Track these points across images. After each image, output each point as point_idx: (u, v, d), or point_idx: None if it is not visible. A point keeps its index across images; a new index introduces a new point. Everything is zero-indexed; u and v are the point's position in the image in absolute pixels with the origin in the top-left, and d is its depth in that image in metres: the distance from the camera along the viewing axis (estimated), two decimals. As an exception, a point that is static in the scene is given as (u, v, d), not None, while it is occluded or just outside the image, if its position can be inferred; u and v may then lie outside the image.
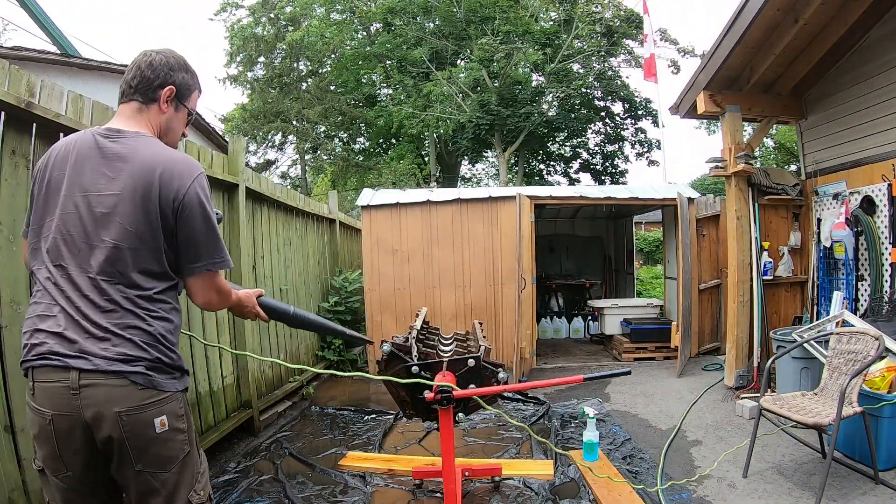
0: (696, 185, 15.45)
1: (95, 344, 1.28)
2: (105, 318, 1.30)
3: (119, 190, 1.34)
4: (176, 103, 1.52)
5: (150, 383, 1.31)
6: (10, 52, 6.16)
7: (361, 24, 16.02)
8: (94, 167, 1.36)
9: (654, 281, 13.30)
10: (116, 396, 1.27)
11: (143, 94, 1.46)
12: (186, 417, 1.42)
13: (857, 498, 2.69)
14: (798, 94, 4.98)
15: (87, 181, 1.36)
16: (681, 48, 15.33)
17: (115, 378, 1.27)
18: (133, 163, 1.36)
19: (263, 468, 3.24)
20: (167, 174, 1.36)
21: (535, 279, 5.80)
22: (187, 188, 1.38)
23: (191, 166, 1.42)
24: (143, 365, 1.31)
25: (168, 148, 1.45)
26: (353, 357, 6.04)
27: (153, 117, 1.48)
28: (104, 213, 1.33)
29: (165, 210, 1.36)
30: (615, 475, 3.00)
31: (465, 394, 2.27)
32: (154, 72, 1.46)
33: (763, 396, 3.09)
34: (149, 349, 1.33)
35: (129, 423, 1.27)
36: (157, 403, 1.32)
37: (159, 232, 1.36)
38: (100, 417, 1.26)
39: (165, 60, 1.48)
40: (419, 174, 16.34)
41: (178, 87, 1.50)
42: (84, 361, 1.26)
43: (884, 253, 4.15)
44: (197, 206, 1.39)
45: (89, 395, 1.25)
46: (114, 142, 1.38)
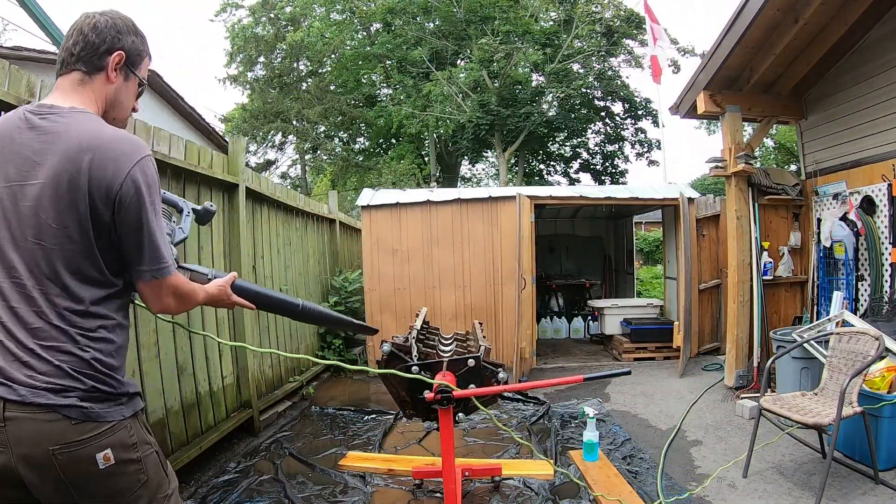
0: (696, 185, 15.45)
1: (19, 369, 1.06)
2: (31, 337, 1.09)
3: (44, 179, 1.10)
4: (126, 71, 1.29)
5: (87, 416, 1.09)
6: (10, 52, 6.16)
7: (361, 24, 16.03)
8: (19, 151, 1.13)
9: (654, 281, 13.30)
10: (47, 433, 1.05)
11: (86, 62, 1.23)
12: (140, 444, 1.19)
13: (857, 498, 2.69)
14: (798, 94, 4.98)
15: (11, 169, 1.13)
16: (681, 48, 15.35)
17: (44, 412, 1.06)
18: (61, 145, 1.12)
19: (263, 468, 3.24)
20: (100, 158, 1.12)
21: (535, 279, 5.80)
22: (125, 175, 1.13)
23: (133, 147, 1.17)
24: (76, 396, 1.09)
25: (106, 126, 1.20)
26: (353, 357, 6.04)
27: (98, 89, 1.25)
28: (28, 207, 1.11)
29: (98, 203, 1.12)
30: (615, 475, 3.00)
31: (465, 394, 2.27)
32: (99, 35, 1.24)
33: (763, 396, 3.09)
34: (82, 378, 1.10)
35: (66, 462, 1.07)
36: (98, 437, 1.10)
37: (90, 230, 1.13)
38: (31, 457, 1.05)
39: (112, 22, 1.26)
40: (419, 174, 16.35)
41: (127, 53, 1.28)
42: (7, 390, 1.05)
43: (884, 253, 4.15)
44: (136, 197, 1.15)
45: (15, 431, 1.04)
46: (43, 119, 1.15)
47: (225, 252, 3.69)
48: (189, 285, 1.35)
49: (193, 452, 3.00)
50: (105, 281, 1.18)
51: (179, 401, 3.01)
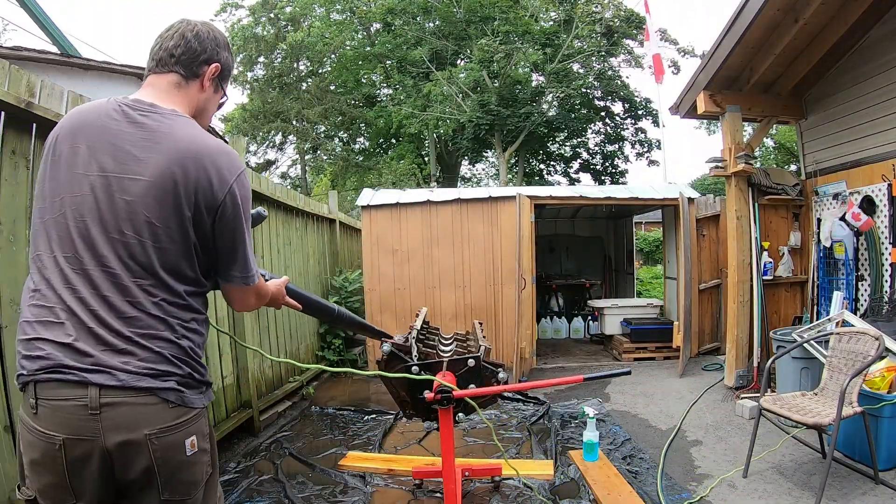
0: (696, 185, 15.45)
1: (115, 357, 1.08)
2: (127, 325, 1.10)
3: (150, 177, 1.12)
4: (217, 83, 1.35)
5: (182, 400, 1.14)
6: (10, 52, 6.16)
7: (361, 25, 16.03)
8: (117, 144, 1.14)
9: (654, 281, 13.30)
10: (145, 416, 1.08)
11: (186, 66, 1.26)
12: (211, 435, 1.25)
13: (857, 498, 2.69)
14: (798, 94, 4.98)
15: (107, 160, 1.13)
16: (681, 48, 15.36)
17: (144, 395, 1.08)
18: (168, 146, 1.14)
19: (263, 468, 3.24)
20: (207, 167, 1.16)
21: (535, 279, 5.80)
22: (228, 187, 1.18)
23: (234, 160, 1.22)
24: (175, 380, 1.13)
25: (209, 135, 1.23)
26: (353, 357, 6.04)
27: (192, 95, 1.29)
28: (128, 202, 1.12)
29: (202, 209, 1.16)
30: (615, 475, 3.00)
31: (465, 394, 2.27)
32: (201, 44, 1.28)
33: (763, 396, 3.09)
34: (180, 364, 1.15)
35: (161, 447, 1.10)
36: (187, 423, 1.15)
37: (191, 232, 1.17)
38: (126, 442, 1.07)
39: (212, 34, 1.32)
40: (419, 174, 16.35)
41: (222, 66, 1.33)
42: (106, 376, 1.06)
43: (884, 253, 4.15)
44: (234, 209, 1.20)
45: (112, 417, 1.06)
46: (145, 116, 1.17)
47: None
48: (264, 285, 1.42)
49: (193, 452, 2.99)
50: (196, 279, 1.22)
51: (179, 401, 3.00)
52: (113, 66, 7.12)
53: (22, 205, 2.02)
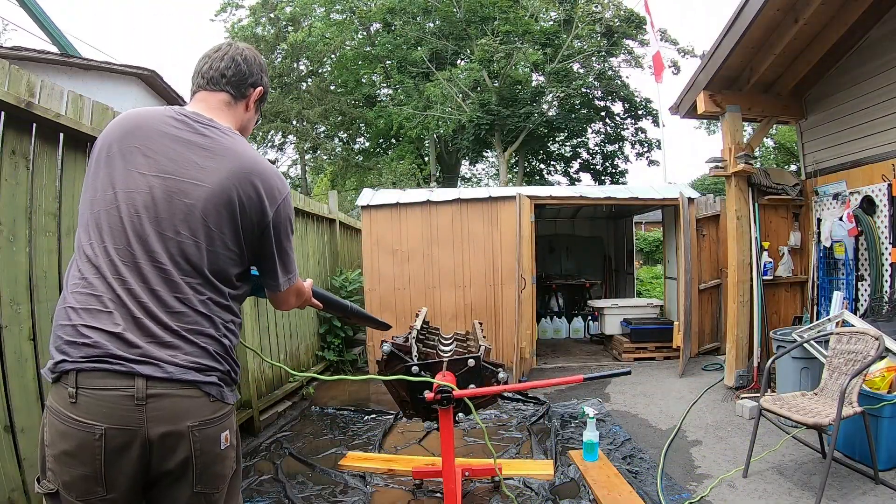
0: (696, 185, 15.45)
1: (162, 350, 1.11)
2: (175, 320, 1.14)
3: (210, 184, 1.19)
4: (257, 105, 1.45)
5: (221, 395, 1.19)
6: (10, 52, 6.16)
7: (361, 25, 16.02)
8: (179, 150, 1.21)
9: (654, 281, 13.30)
10: (188, 408, 1.12)
11: (235, 87, 1.37)
12: (238, 432, 1.31)
13: (857, 498, 2.69)
14: (798, 94, 4.98)
15: (167, 162, 1.19)
16: (681, 48, 15.34)
17: (189, 388, 1.12)
18: (229, 160, 1.23)
19: (263, 468, 3.24)
20: (263, 187, 1.26)
21: (535, 279, 5.80)
22: (278, 206, 1.29)
23: (284, 184, 1.34)
24: (217, 375, 1.18)
25: (262, 157, 1.35)
26: (353, 357, 6.04)
27: (238, 115, 1.39)
28: (187, 204, 1.18)
29: (254, 223, 1.26)
30: (615, 475, 3.00)
31: (465, 394, 2.27)
32: (249, 68, 1.38)
33: (763, 396, 3.09)
34: (222, 361, 1.21)
35: (201, 439, 1.14)
36: (223, 417, 1.20)
37: (242, 241, 1.26)
38: (169, 433, 1.10)
39: (257, 60, 1.41)
40: (419, 174, 16.34)
41: (265, 90, 1.44)
42: (153, 368, 1.09)
43: (884, 253, 4.15)
44: (285, 227, 1.33)
45: (157, 408, 1.08)
46: (206, 128, 1.25)
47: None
48: (302, 286, 1.54)
49: (193, 452, 2.99)
50: (237, 285, 1.30)
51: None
52: (113, 66, 7.13)
53: (22, 205, 2.02)
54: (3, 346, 1.91)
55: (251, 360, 3.87)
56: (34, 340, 2.04)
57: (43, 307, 2.07)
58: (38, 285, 2.07)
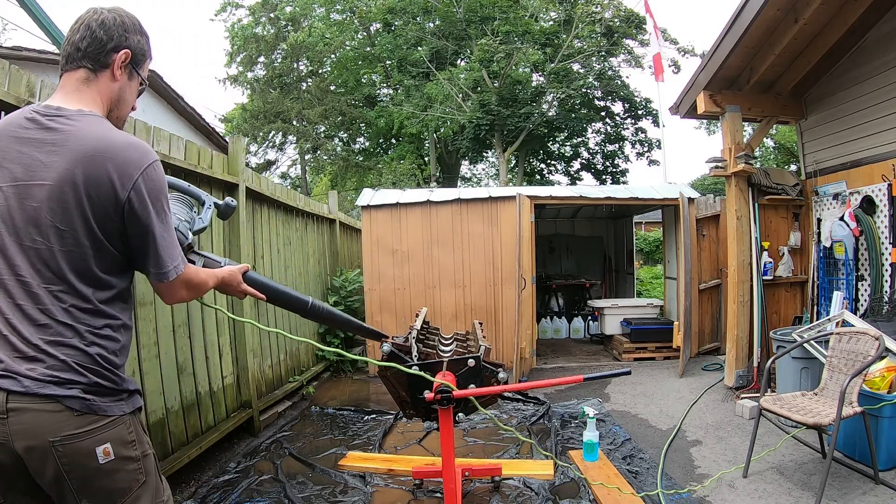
0: (696, 185, 15.46)
1: (23, 364, 1.09)
2: (37, 333, 1.11)
3: (52, 181, 1.12)
4: (130, 70, 1.31)
5: (89, 408, 1.12)
6: (10, 52, 6.16)
7: (361, 25, 16.02)
8: (26, 152, 1.15)
9: (654, 281, 13.30)
10: (49, 423, 1.08)
11: (93, 58, 1.24)
12: (139, 443, 1.22)
13: (857, 498, 2.69)
14: (798, 94, 4.98)
15: (17, 168, 1.14)
16: (681, 48, 15.36)
17: (48, 402, 1.08)
18: (70, 149, 1.14)
19: (263, 468, 3.24)
20: (108, 165, 1.14)
21: (535, 279, 5.80)
22: (132, 184, 1.16)
23: (139, 155, 1.19)
24: (79, 388, 1.12)
25: (114, 131, 1.22)
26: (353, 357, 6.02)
27: (103, 87, 1.27)
28: (34, 207, 1.12)
29: (107, 208, 1.15)
30: (615, 475, 3.00)
31: (465, 394, 2.27)
32: (107, 32, 1.25)
33: (763, 396, 3.09)
34: (85, 373, 1.13)
35: (66, 454, 1.09)
36: (98, 430, 1.13)
37: (98, 234, 1.16)
38: (32, 448, 1.07)
39: (119, 19, 1.27)
40: (419, 174, 16.34)
41: (133, 52, 1.29)
42: (12, 381, 1.07)
43: (884, 253, 4.15)
44: (142, 206, 1.18)
45: (18, 422, 1.06)
46: (51, 120, 1.17)
47: (225, 251, 3.69)
48: (199, 276, 1.39)
49: (193, 452, 3.00)
50: (109, 282, 1.21)
51: (179, 401, 3.01)
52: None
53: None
54: None
55: (251, 361, 3.88)
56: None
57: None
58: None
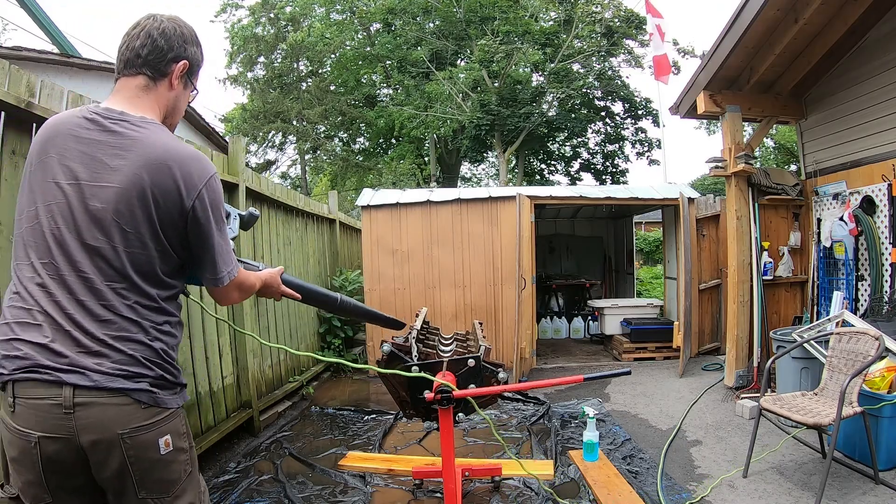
0: (696, 185, 15.45)
1: (90, 358, 1.11)
2: (101, 328, 1.13)
3: (119, 184, 1.15)
4: (185, 80, 1.35)
5: (154, 401, 1.17)
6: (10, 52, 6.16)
7: (361, 25, 16.02)
8: (89, 152, 1.17)
9: (654, 281, 13.29)
10: (117, 416, 1.11)
11: (153, 67, 1.27)
12: (188, 435, 1.28)
13: (857, 498, 2.69)
14: (798, 94, 4.98)
15: (79, 168, 1.17)
16: (681, 48, 15.35)
17: (117, 396, 1.12)
18: (138, 155, 1.17)
19: (263, 468, 3.24)
20: (176, 174, 1.19)
21: (535, 279, 5.80)
22: (197, 193, 1.21)
23: (204, 166, 1.25)
24: (147, 381, 1.16)
25: (179, 141, 1.27)
26: (353, 357, 6.04)
27: (161, 95, 1.30)
28: (99, 208, 1.15)
29: (173, 214, 1.20)
30: (615, 475, 3.00)
31: (465, 394, 2.27)
32: (168, 41, 1.28)
33: (763, 396, 3.09)
34: (151, 366, 1.18)
35: (133, 447, 1.13)
36: (160, 422, 1.18)
37: (162, 238, 1.21)
38: (99, 441, 1.10)
39: (179, 30, 1.30)
40: (419, 174, 16.34)
41: (190, 62, 1.33)
42: (79, 376, 1.09)
43: (884, 253, 4.15)
44: (211, 214, 1.25)
45: (85, 416, 1.09)
46: (115, 124, 1.20)
47: (225, 252, 3.68)
48: (249, 279, 1.45)
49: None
50: (169, 282, 1.26)
51: (179, 401, 3.01)
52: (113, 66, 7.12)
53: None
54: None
55: (251, 361, 3.88)
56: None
57: None
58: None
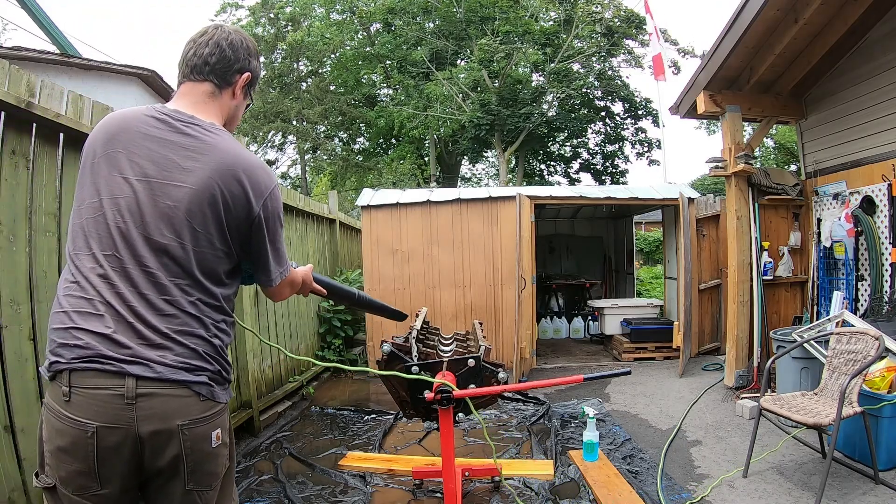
0: (696, 185, 15.46)
1: (151, 350, 1.12)
2: (164, 322, 1.15)
3: (193, 185, 1.19)
4: (246, 91, 1.39)
5: (211, 395, 1.20)
6: (10, 52, 6.16)
7: (361, 25, 16.02)
8: (160, 151, 1.20)
9: (654, 281, 13.29)
10: (178, 408, 1.14)
11: (220, 76, 1.31)
12: (231, 431, 1.32)
13: (857, 498, 2.69)
14: (798, 94, 4.98)
15: (149, 165, 1.19)
16: (681, 48, 15.35)
17: (178, 388, 1.14)
18: (211, 159, 1.21)
19: (263, 468, 3.24)
20: (249, 181, 1.24)
21: (535, 279, 5.80)
22: (263, 201, 1.27)
23: (269, 175, 1.31)
24: (207, 375, 1.19)
25: (248, 151, 1.33)
26: (353, 357, 6.04)
27: (224, 103, 1.35)
28: (170, 206, 1.18)
29: (241, 219, 1.25)
30: (615, 475, 3.00)
31: (465, 394, 2.27)
32: (235, 53, 1.32)
33: (763, 396, 3.09)
34: (211, 361, 1.21)
35: (191, 438, 1.15)
36: (214, 416, 1.21)
37: (229, 240, 1.25)
38: (159, 432, 1.12)
39: (245, 43, 1.35)
40: (419, 174, 16.34)
41: (253, 75, 1.38)
42: (143, 368, 1.10)
43: (884, 253, 4.15)
44: (273, 220, 1.31)
45: (147, 407, 1.10)
46: (187, 127, 1.23)
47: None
48: (295, 276, 1.52)
49: (193, 452, 2.99)
50: (228, 283, 1.30)
51: (179, 401, 3.01)
52: (113, 66, 7.13)
53: (22, 205, 2.02)
54: (3, 347, 1.91)
55: (251, 361, 3.88)
56: (34, 340, 2.04)
57: (43, 307, 2.07)
58: (38, 285, 2.07)
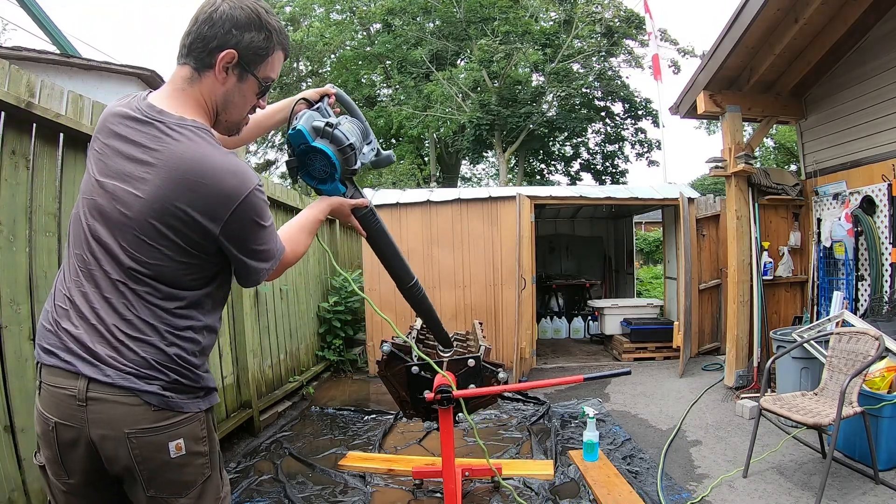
0: (696, 185, 15.45)
1: (107, 352, 1.10)
2: (122, 326, 1.11)
3: (146, 196, 1.09)
4: (239, 72, 1.18)
5: (167, 404, 1.13)
6: (10, 52, 6.16)
7: (361, 25, 16.02)
8: (125, 151, 1.12)
9: (654, 281, 13.29)
10: (126, 415, 1.09)
11: (196, 57, 1.14)
12: (209, 439, 1.22)
13: (857, 498, 2.69)
14: (798, 94, 4.98)
15: (113, 167, 1.12)
16: (681, 48, 15.35)
17: (127, 395, 1.09)
18: (165, 166, 1.08)
19: (263, 468, 3.24)
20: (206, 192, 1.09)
21: (535, 279, 5.80)
22: (230, 214, 1.11)
23: (239, 182, 1.12)
24: (159, 385, 1.12)
25: (214, 151, 1.12)
26: (353, 357, 6.04)
27: (207, 88, 1.17)
28: (125, 215, 1.10)
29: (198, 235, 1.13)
30: (615, 475, 3.00)
31: (464, 394, 2.27)
32: (212, 29, 1.12)
33: (763, 396, 3.09)
34: (165, 370, 1.13)
35: (140, 447, 1.10)
36: (173, 426, 1.14)
37: (189, 252, 1.14)
38: (106, 437, 1.09)
39: (230, 14, 1.12)
40: (419, 174, 16.33)
41: (241, 52, 1.15)
42: (94, 370, 1.09)
43: (884, 253, 4.15)
44: (245, 229, 1.16)
45: (97, 411, 1.09)
46: (150, 126, 1.11)
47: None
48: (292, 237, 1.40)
49: (193, 452, 2.99)
50: (196, 288, 1.19)
51: (179, 401, 3.01)
52: (113, 66, 7.12)
53: (22, 205, 2.02)
54: (3, 347, 1.91)
55: (251, 361, 3.88)
56: (34, 340, 2.03)
57: (43, 307, 2.07)
58: (38, 285, 2.07)
